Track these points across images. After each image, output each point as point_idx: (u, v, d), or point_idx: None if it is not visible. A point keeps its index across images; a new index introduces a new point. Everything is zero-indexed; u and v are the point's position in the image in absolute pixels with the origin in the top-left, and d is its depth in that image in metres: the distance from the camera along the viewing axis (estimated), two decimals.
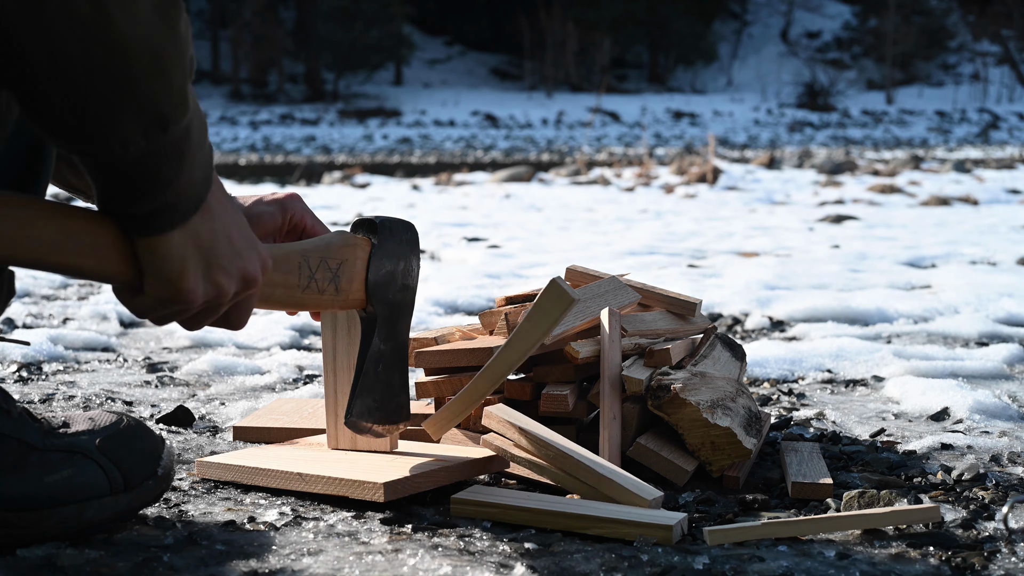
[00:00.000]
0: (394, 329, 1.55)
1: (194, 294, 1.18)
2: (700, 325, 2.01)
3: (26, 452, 1.30)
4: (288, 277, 1.40)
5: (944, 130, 33.26)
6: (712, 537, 1.37)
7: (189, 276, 1.17)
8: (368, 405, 1.54)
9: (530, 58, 46.50)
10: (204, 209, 1.16)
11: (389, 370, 1.55)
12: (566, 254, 5.19)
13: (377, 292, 1.51)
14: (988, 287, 3.84)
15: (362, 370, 1.53)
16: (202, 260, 1.17)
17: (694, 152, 15.26)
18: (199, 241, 1.16)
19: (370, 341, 1.53)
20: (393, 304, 1.54)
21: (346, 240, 1.49)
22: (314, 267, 1.42)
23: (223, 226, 1.19)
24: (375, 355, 1.53)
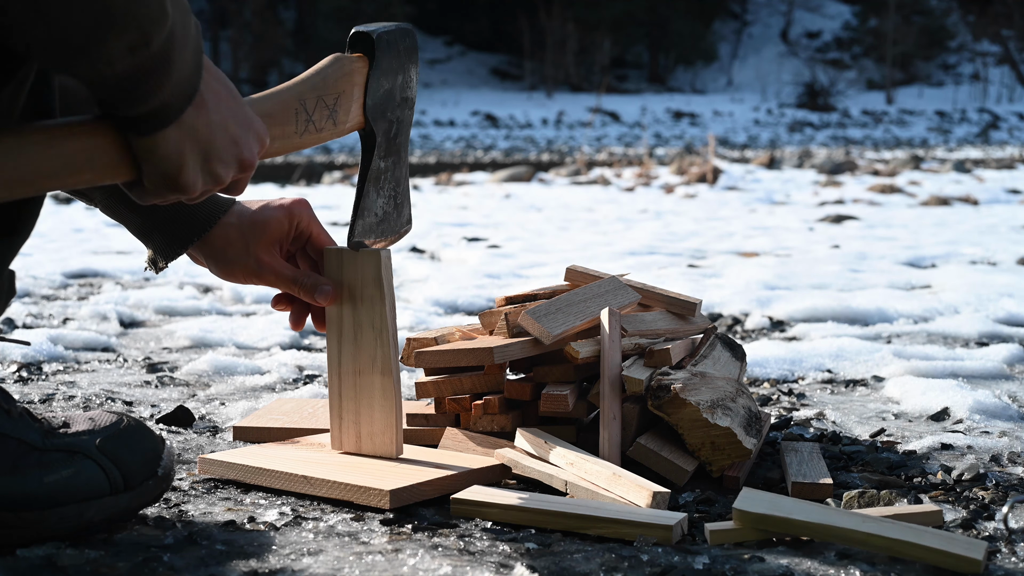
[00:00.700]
0: (393, 144, 1.54)
1: (193, 185, 1.20)
2: (700, 325, 2.01)
3: (26, 452, 1.30)
4: (285, 128, 1.39)
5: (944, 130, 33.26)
6: (713, 537, 1.37)
7: (188, 171, 1.19)
8: (370, 223, 1.53)
9: (530, 58, 46.50)
10: (197, 102, 1.17)
11: (390, 184, 1.54)
12: (566, 254, 5.19)
13: (376, 113, 1.49)
14: (988, 287, 3.84)
15: (362, 190, 1.52)
16: (200, 154, 1.19)
17: (694, 152, 15.26)
18: (196, 135, 1.18)
19: (369, 160, 1.51)
20: (392, 121, 1.52)
21: (342, 69, 1.46)
22: (311, 110, 1.41)
23: (218, 116, 1.20)
24: (375, 174, 1.52)
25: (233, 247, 1.57)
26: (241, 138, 1.23)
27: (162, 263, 1.60)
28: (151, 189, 1.20)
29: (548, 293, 1.91)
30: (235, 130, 1.22)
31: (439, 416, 1.81)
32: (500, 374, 1.78)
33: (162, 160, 1.17)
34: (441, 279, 4.13)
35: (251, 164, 1.26)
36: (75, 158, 1.16)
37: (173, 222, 1.56)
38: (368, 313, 1.58)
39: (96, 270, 4.36)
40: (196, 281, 4.10)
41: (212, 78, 1.20)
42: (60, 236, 5.83)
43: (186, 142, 1.17)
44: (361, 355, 1.60)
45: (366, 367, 1.60)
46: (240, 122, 1.23)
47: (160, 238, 1.57)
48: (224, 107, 1.21)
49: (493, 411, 1.74)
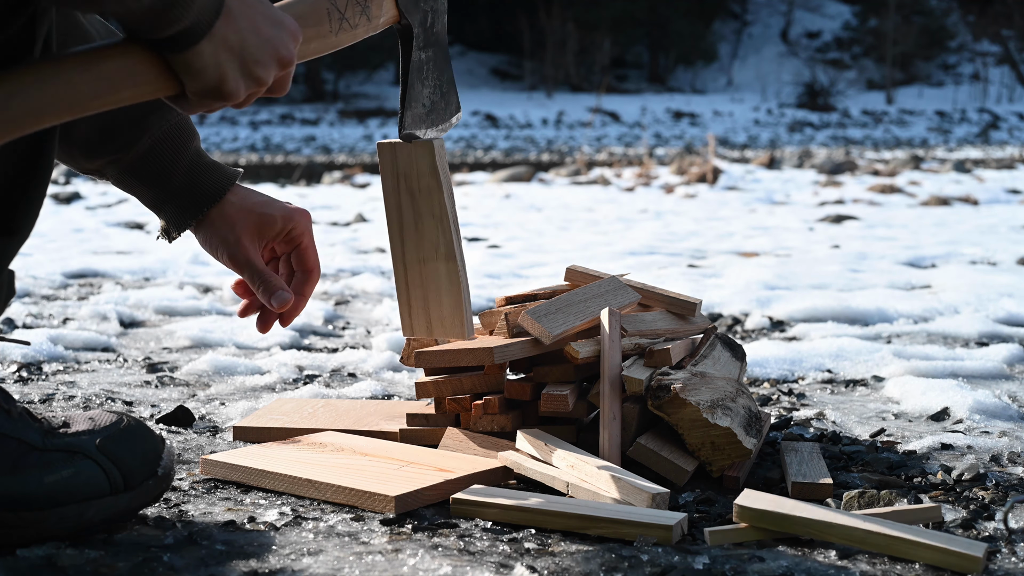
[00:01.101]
0: (431, 33, 1.55)
1: (236, 92, 1.23)
2: (700, 325, 2.01)
3: (26, 452, 1.30)
4: (319, 28, 1.40)
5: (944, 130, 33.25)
6: (712, 537, 1.37)
7: (229, 79, 1.22)
8: (419, 113, 1.54)
9: (530, 58, 46.49)
10: (225, 12, 1.19)
11: (433, 73, 1.56)
12: (566, 254, 5.19)
13: (409, 4, 1.51)
14: (988, 287, 3.83)
15: (407, 83, 1.53)
16: (237, 60, 1.22)
17: (694, 152, 15.26)
18: (229, 44, 1.20)
19: (409, 53, 1.53)
20: (426, 11, 1.54)
21: None
22: (343, 7, 1.42)
23: (248, 21, 1.22)
24: (417, 65, 1.53)
25: (224, 223, 1.60)
26: (275, 37, 1.25)
27: (175, 233, 1.62)
28: (195, 100, 1.23)
29: (548, 293, 1.91)
30: (268, 30, 1.25)
31: (439, 416, 1.81)
32: (500, 374, 1.78)
33: (200, 73, 1.20)
34: None
35: (290, 60, 1.28)
36: (114, 77, 1.18)
37: (185, 194, 1.59)
38: (427, 202, 1.58)
39: (96, 270, 4.36)
40: (196, 281, 4.10)
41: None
42: (60, 236, 5.83)
43: (221, 52, 1.20)
44: (424, 244, 1.60)
45: (430, 255, 1.60)
46: (271, 22, 1.25)
47: (172, 209, 1.60)
48: (252, 11, 1.23)
49: (493, 411, 1.74)
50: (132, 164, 1.57)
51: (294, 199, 9.35)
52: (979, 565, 1.27)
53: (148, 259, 4.66)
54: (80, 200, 8.62)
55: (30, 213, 1.31)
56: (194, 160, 1.60)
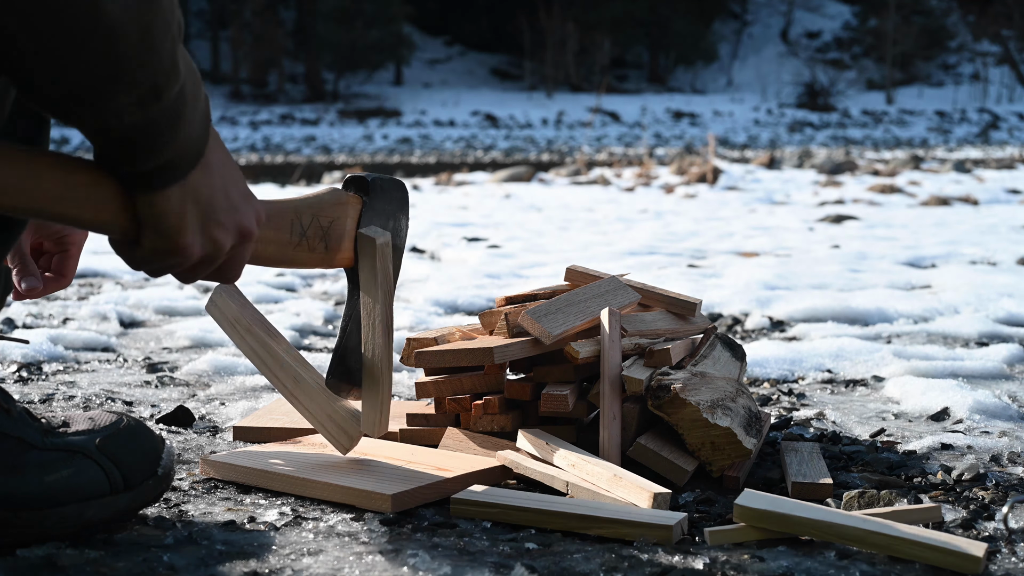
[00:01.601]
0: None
1: (191, 248, 1.19)
2: (700, 325, 2.01)
3: (26, 452, 1.30)
4: (280, 234, 1.39)
5: (944, 130, 33.25)
6: (712, 538, 1.37)
7: (187, 231, 1.17)
8: (352, 367, 1.53)
9: (530, 58, 46.50)
10: (203, 164, 1.16)
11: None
12: (566, 254, 5.19)
13: (365, 252, 1.50)
14: (988, 287, 3.84)
15: (347, 330, 1.52)
16: (200, 215, 1.18)
17: (694, 152, 15.26)
18: (198, 196, 1.17)
19: (355, 301, 1.52)
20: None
21: (337, 198, 1.49)
22: (306, 224, 1.42)
23: (221, 181, 1.19)
24: (359, 315, 1.52)
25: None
26: (241, 206, 1.23)
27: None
28: (147, 247, 1.18)
29: (548, 293, 1.91)
30: (236, 198, 1.22)
31: (439, 416, 1.81)
32: (500, 374, 1.78)
33: (162, 217, 1.16)
34: (441, 279, 4.13)
35: (250, 233, 1.24)
36: (81, 192, 1.14)
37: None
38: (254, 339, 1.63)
39: (96, 270, 4.36)
40: (197, 282, 4.10)
41: (216, 143, 1.19)
42: None
43: (188, 202, 1.16)
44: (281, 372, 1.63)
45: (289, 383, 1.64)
46: (241, 192, 1.23)
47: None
48: (227, 173, 1.21)
49: (493, 411, 1.74)
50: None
51: None
52: (979, 565, 1.27)
53: None
54: None
55: None
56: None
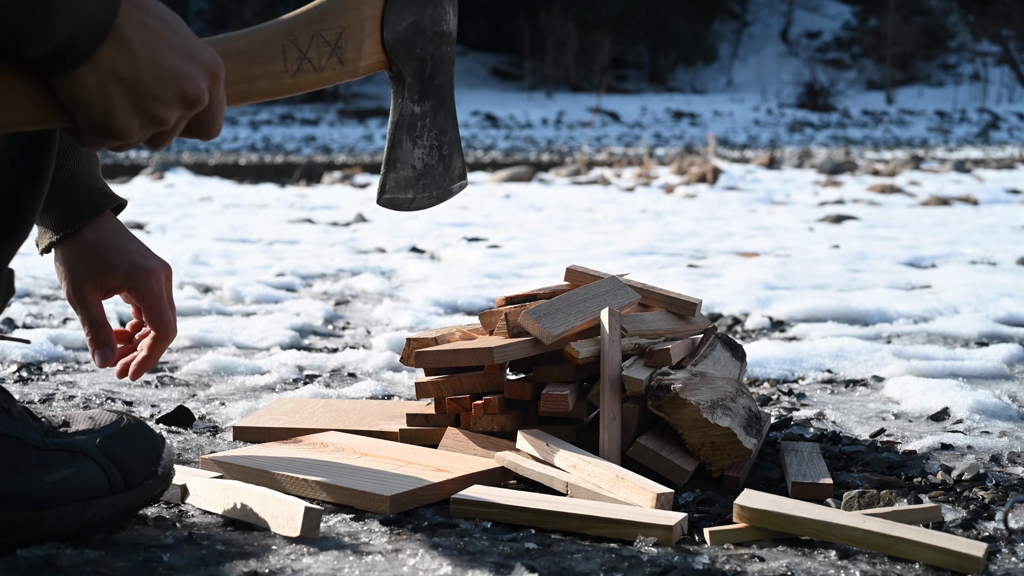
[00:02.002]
0: (431, 85, 1.37)
1: (129, 130, 1.11)
2: (700, 325, 2.01)
3: (26, 452, 1.30)
4: (269, 66, 1.25)
5: (944, 130, 33.25)
6: (713, 537, 1.37)
7: (118, 115, 1.09)
8: (405, 177, 1.37)
9: (530, 58, 46.49)
10: (115, 36, 1.06)
11: (431, 132, 1.38)
12: (566, 254, 5.19)
13: (399, 49, 1.33)
14: (988, 287, 3.84)
15: (394, 140, 1.36)
16: (128, 93, 1.08)
17: (694, 152, 15.26)
18: (118, 73, 1.07)
19: (401, 104, 1.35)
20: (424, 59, 1.36)
21: (346, 1, 1.31)
22: (304, 45, 1.26)
23: (147, 51, 1.08)
24: (409, 120, 1.36)
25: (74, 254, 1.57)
26: (181, 71, 1.11)
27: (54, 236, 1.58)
28: (86, 134, 1.11)
29: (548, 293, 1.91)
30: (174, 63, 1.10)
31: (439, 416, 1.81)
32: (500, 374, 1.78)
33: (85, 104, 1.08)
34: (441, 279, 4.13)
35: (197, 99, 1.13)
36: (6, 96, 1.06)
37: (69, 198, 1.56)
38: None
39: None
40: (196, 281, 4.10)
41: (138, 9, 1.08)
42: None
43: (109, 83, 1.07)
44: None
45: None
46: (179, 54, 1.11)
47: (56, 212, 1.57)
48: (155, 39, 1.09)
49: (493, 411, 1.74)
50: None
51: (294, 199, 9.36)
52: (979, 565, 1.27)
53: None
54: None
55: (29, 213, 1.31)
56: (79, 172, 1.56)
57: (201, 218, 7.36)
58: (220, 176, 12.84)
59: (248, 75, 1.24)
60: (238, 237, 6.11)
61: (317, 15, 1.29)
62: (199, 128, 1.19)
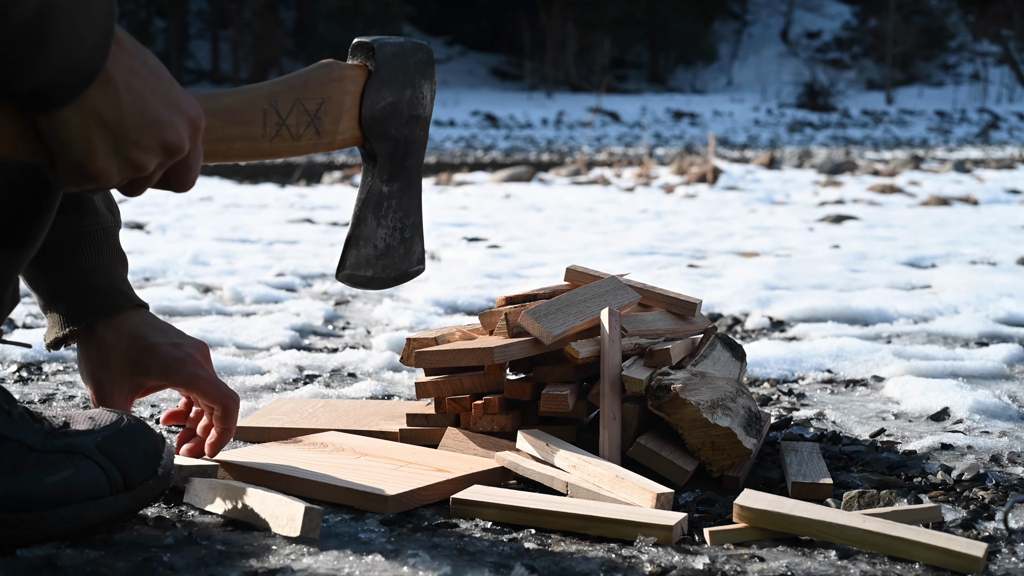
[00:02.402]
0: (401, 167, 1.39)
1: (107, 174, 1.11)
2: (700, 325, 2.01)
3: (26, 453, 1.30)
4: (249, 128, 1.26)
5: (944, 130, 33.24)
6: (713, 537, 1.37)
7: (97, 156, 1.09)
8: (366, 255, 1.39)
9: (530, 58, 46.48)
10: (102, 81, 1.06)
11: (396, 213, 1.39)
12: (566, 254, 5.19)
13: (376, 128, 1.35)
14: (988, 287, 3.84)
15: (359, 217, 1.37)
16: (110, 137, 1.08)
17: (694, 152, 15.26)
18: (101, 117, 1.07)
19: (369, 182, 1.37)
20: (397, 140, 1.37)
21: (329, 74, 1.33)
22: (284, 112, 1.28)
23: (132, 96, 1.08)
24: (375, 198, 1.38)
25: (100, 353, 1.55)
26: (164, 120, 1.11)
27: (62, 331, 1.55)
28: (63, 175, 1.10)
29: (548, 293, 1.91)
30: (157, 111, 1.11)
31: (439, 416, 1.81)
32: (500, 374, 1.78)
33: (66, 144, 1.08)
34: (441, 279, 4.13)
35: (178, 148, 1.14)
36: None
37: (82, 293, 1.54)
38: None
39: None
40: (196, 281, 4.10)
41: (127, 54, 1.09)
42: None
43: (91, 125, 1.07)
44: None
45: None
46: (164, 102, 1.12)
47: (66, 306, 1.55)
48: (141, 86, 1.09)
49: (493, 411, 1.74)
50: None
51: (294, 199, 9.36)
52: (979, 565, 1.27)
53: (148, 259, 4.66)
54: None
55: (40, 226, 1.31)
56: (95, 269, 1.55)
57: (201, 218, 7.36)
58: (220, 176, 12.84)
59: (227, 134, 1.25)
60: (238, 237, 6.11)
61: (300, 84, 1.31)
62: (175, 179, 1.19)
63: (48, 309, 1.58)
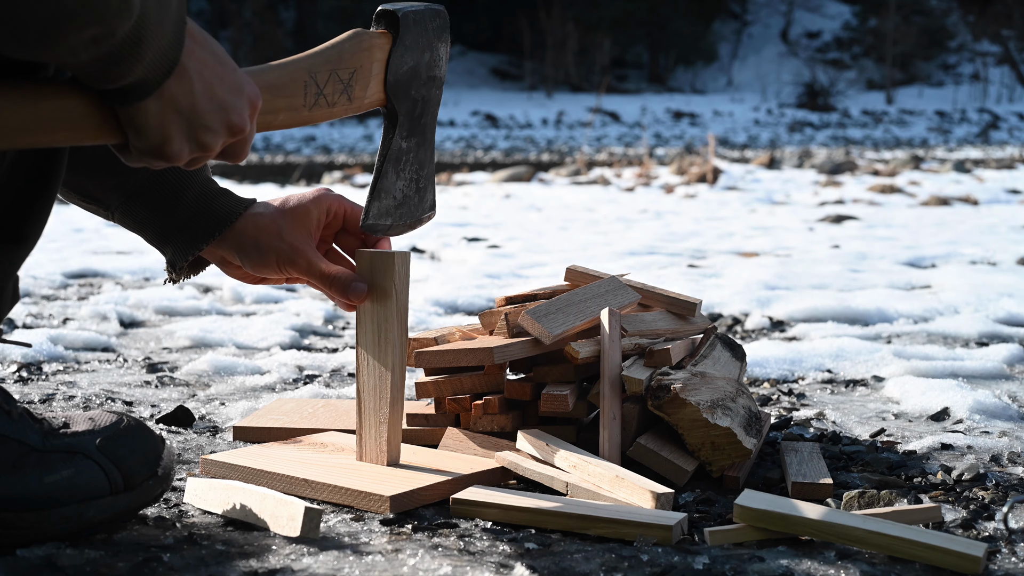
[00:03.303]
0: (418, 124, 1.49)
1: (179, 155, 1.19)
2: (700, 325, 2.01)
3: (26, 453, 1.30)
4: (292, 100, 1.35)
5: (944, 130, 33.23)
6: (712, 538, 1.37)
7: (172, 140, 1.17)
8: (387, 206, 1.48)
9: (530, 58, 46.48)
10: (179, 72, 1.14)
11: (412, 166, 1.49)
12: (566, 254, 5.19)
13: (398, 90, 1.45)
14: (988, 287, 3.84)
15: (382, 170, 1.46)
16: (184, 122, 1.17)
17: (694, 152, 15.25)
18: (178, 105, 1.15)
19: (391, 139, 1.46)
20: (416, 100, 1.47)
21: (360, 43, 1.42)
22: (322, 83, 1.37)
23: (203, 84, 1.17)
24: (396, 153, 1.47)
25: (266, 234, 1.54)
26: (230, 103, 1.20)
27: (182, 263, 1.56)
28: (136, 155, 1.18)
29: (548, 293, 1.91)
30: (223, 96, 1.19)
31: (439, 416, 1.81)
32: (500, 374, 1.78)
33: (144, 130, 1.15)
34: (441, 279, 4.13)
35: (241, 129, 1.22)
36: (51, 116, 1.13)
37: (193, 220, 1.54)
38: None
39: (96, 270, 4.36)
40: (196, 281, 4.10)
41: (197, 45, 1.17)
42: (60, 236, 5.83)
43: (168, 112, 1.15)
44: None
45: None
46: (228, 87, 1.20)
47: (180, 237, 1.55)
48: (209, 74, 1.18)
49: (493, 411, 1.74)
50: (140, 188, 1.53)
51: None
52: (979, 565, 1.27)
53: (148, 259, 4.66)
54: None
55: (38, 221, 1.32)
56: (205, 184, 1.56)
57: None
58: (221, 176, 12.85)
59: (274, 107, 1.34)
60: None
61: (335, 55, 1.40)
62: (231, 153, 1.26)
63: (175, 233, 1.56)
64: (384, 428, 1.58)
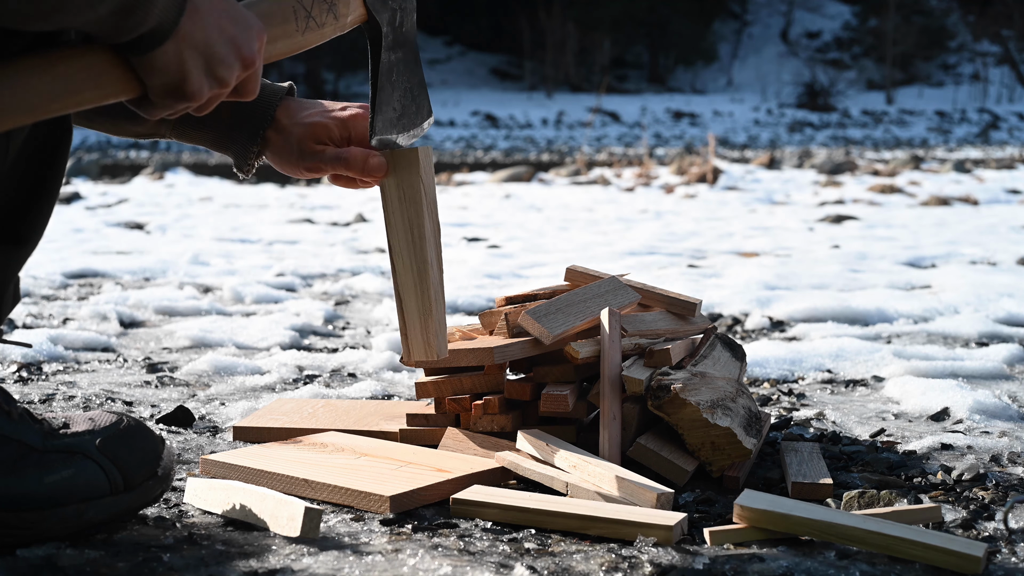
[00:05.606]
0: (400, 32, 1.53)
1: (200, 92, 1.22)
2: (700, 325, 2.01)
3: (26, 453, 1.30)
4: (286, 27, 1.39)
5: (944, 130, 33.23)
6: (713, 537, 1.37)
7: (192, 78, 1.20)
8: (390, 119, 1.52)
9: (530, 58, 46.48)
10: (190, 10, 1.17)
11: (403, 76, 1.53)
12: (566, 254, 5.19)
13: (376, 3, 1.49)
14: (988, 287, 3.84)
15: (377, 86, 1.51)
16: (200, 59, 1.20)
17: (694, 152, 15.25)
18: (193, 41, 1.18)
19: (379, 55, 1.51)
20: (395, 9, 1.52)
21: None
22: (309, 6, 1.41)
23: (213, 20, 1.20)
24: (387, 68, 1.51)
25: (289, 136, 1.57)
26: (239, 36, 1.23)
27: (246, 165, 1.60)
28: (158, 102, 1.21)
29: (548, 293, 1.91)
30: (232, 30, 1.22)
31: (439, 416, 1.81)
32: (500, 374, 1.78)
33: (163, 73, 1.18)
34: None
35: (252, 60, 1.26)
36: (73, 79, 1.16)
37: (244, 120, 1.58)
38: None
39: (96, 270, 4.36)
40: (196, 281, 4.10)
41: None
42: (60, 236, 5.83)
43: (185, 51, 1.18)
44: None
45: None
46: (236, 21, 1.23)
47: (240, 136, 1.59)
48: (218, 8, 1.21)
49: (493, 411, 1.74)
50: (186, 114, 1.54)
51: (294, 198, 9.36)
52: (979, 565, 1.27)
53: (148, 259, 4.66)
54: (80, 200, 8.62)
55: (40, 223, 1.32)
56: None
57: (201, 218, 7.36)
58: (220, 176, 12.84)
59: (272, 36, 1.37)
60: (238, 237, 6.12)
61: None
62: (243, 89, 1.29)
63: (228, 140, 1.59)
64: (431, 320, 1.55)
